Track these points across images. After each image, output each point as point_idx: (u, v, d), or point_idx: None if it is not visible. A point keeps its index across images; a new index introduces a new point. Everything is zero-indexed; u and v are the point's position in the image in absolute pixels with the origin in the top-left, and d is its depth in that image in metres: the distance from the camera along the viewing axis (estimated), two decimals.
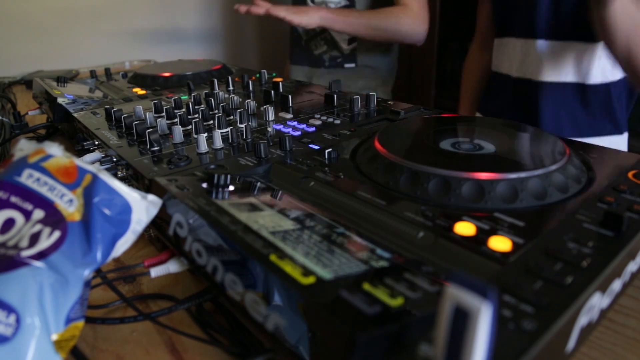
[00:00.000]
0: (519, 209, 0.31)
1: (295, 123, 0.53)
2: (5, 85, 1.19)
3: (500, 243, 0.27)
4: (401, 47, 1.31)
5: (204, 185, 0.36)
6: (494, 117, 0.47)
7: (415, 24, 1.10)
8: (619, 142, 0.88)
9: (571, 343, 0.24)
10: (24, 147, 0.31)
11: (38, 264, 0.26)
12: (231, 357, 0.29)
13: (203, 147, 0.45)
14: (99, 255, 0.28)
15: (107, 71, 0.93)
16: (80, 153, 0.52)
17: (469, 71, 1.12)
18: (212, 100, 0.60)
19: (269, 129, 0.52)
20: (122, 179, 0.44)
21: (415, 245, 0.28)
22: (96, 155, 0.49)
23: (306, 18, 1.02)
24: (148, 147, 0.46)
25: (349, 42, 1.21)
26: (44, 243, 0.27)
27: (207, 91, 0.71)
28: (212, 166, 0.41)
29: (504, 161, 0.37)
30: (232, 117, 0.56)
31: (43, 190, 0.29)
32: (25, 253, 0.26)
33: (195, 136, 0.46)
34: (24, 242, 0.26)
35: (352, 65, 1.23)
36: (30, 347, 0.24)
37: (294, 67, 1.31)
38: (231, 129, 0.47)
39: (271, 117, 0.55)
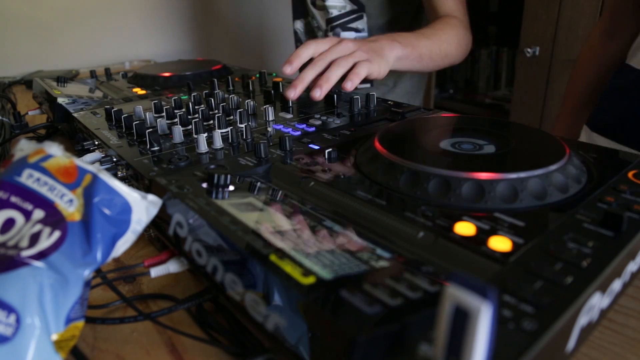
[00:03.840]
0: (519, 209, 0.31)
1: (295, 123, 0.53)
2: (5, 85, 1.19)
3: (500, 243, 0.27)
4: None
5: (204, 185, 0.36)
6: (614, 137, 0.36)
7: (469, 38, 0.86)
8: None
9: (571, 343, 0.24)
10: (24, 147, 0.31)
11: (38, 264, 0.26)
12: (231, 357, 0.29)
13: (203, 147, 0.45)
14: (99, 255, 0.28)
15: (107, 71, 0.93)
16: (80, 153, 0.52)
17: (585, 67, 0.81)
18: (212, 100, 0.61)
19: (269, 129, 0.52)
20: (122, 179, 0.44)
21: (415, 245, 0.28)
22: (96, 155, 0.49)
23: (384, 66, 0.66)
24: (148, 147, 0.46)
25: None
26: (44, 243, 0.27)
27: (207, 91, 0.71)
28: (212, 166, 0.41)
29: (504, 161, 0.37)
30: (232, 117, 0.56)
31: (43, 190, 0.29)
32: (25, 253, 0.26)
33: (195, 136, 0.46)
34: (24, 242, 0.26)
35: (367, 85, 0.95)
36: (30, 347, 0.24)
37: None
38: (231, 129, 0.47)
39: (271, 117, 0.55)
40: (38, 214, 0.28)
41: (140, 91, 0.76)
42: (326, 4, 0.99)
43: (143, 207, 0.31)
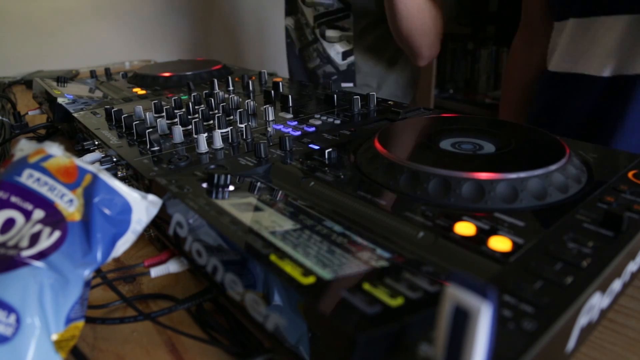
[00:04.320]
0: (519, 209, 0.31)
1: (295, 123, 0.53)
2: (5, 85, 1.19)
3: (500, 243, 0.27)
4: None
5: (204, 185, 0.36)
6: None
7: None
8: None
9: (571, 343, 0.24)
10: (24, 147, 0.31)
11: (38, 264, 0.26)
12: (231, 357, 0.29)
13: (203, 147, 0.45)
14: (99, 255, 0.28)
15: (107, 71, 0.93)
16: (80, 153, 0.52)
17: (512, 77, 0.86)
18: (212, 100, 0.61)
19: (269, 129, 0.52)
20: (122, 179, 0.44)
21: (415, 245, 0.28)
22: (96, 155, 0.49)
23: None
24: (148, 147, 0.46)
25: (344, 55, 0.99)
26: (44, 243, 0.27)
27: (207, 91, 0.71)
28: (212, 166, 0.41)
29: (504, 161, 0.37)
30: (232, 117, 0.56)
31: (43, 190, 0.29)
32: (26, 253, 0.26)
33: (195, 136, 0.46)
34: (24, 242, 0.26)
35: (350, 84, 1.00)
36: (30, 347, 0.24)
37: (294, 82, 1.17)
38: (231, 129, 0.47)
39: (271, 117, 0.55)
40: (38, 214, 0.28)
41: (140, 91, 0.76)
42: (315, 0, 0.99)
43: (143, 207, 0.31)
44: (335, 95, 0.61)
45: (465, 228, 0.29)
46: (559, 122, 0.71)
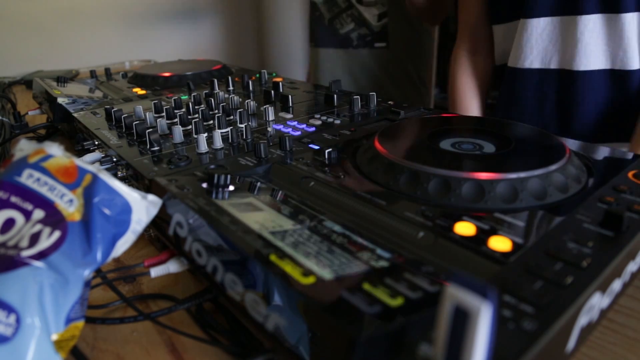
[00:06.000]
0: (519, 209, 0.31)
1: (295, 123, 0.53)
2: (5, 85, 1.19)
3: (500, 243, 0.27)
4: None
5: (204, 185, 0.36)
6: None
7: None
8: None
9: (571, 343, 0.24)
10: (24, 147, 0.31)
11: (38, 264, 0.26)
12: (231, 357, 0.29)
13: (203, 147, 0.45)
14: (99, 255, 0.28)
15: (107, 71, 0.93)
16: (80, 153, 0.52)
17: (460, 85, 0.86)
18: (212, 100, 0.61)
19: (269, 129, 0.52)
20: (122, 179, 0.44)
21: (415, 245, 0.28)
22: (96, 155, 0.49)
23: None
24: (148, 147, 0.46)
25: (379, 17, 1.09)
26: (44, 243, 0.27)
27: (207, 91, 0.71)
28: (212, 166, 0.41)
29: (504, 161, 0.37)
30: (232, 117, 0.56)
31: (43, 190, 0.29)
32: (26, 253, 0.26)
33: (195, 136, 0.46)
34: (24, 242, 0.26)
35: (383, 44, 1.10)
36: (30, 347, 0.24)
37: (318, 50, 1.20)
38: (231, 129, 0.47)
39: (271, 117, 0.55)
40: (38, 214, 0.28)
41: (140, 91, 0.76)
42: None
43: (143, 207, 0.31)
44: (335, 95, 0.61)
45: (465, 228, 0.29)
46: (543, 111, 0.76)
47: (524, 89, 0.75)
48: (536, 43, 0.72)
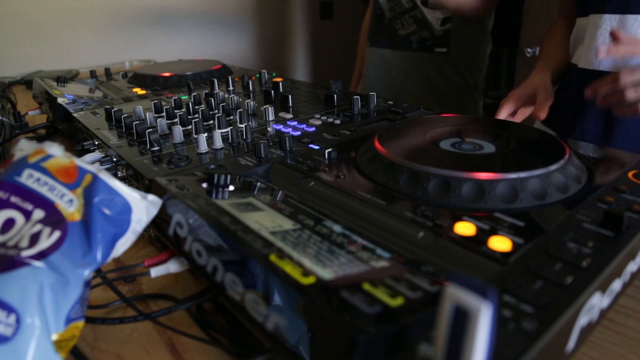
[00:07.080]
0: (519, 209, 0.31)
1: (295, 123, 0.53)
2: (5, 85, 1.19)
3: (500, 243, 0.27)
4: None
5: (204, 185, 0.36)
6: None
7: None
8: None
9: (571, 343, 0.24)
10: (24, 147, 0.31)
11: (38, 264, 0.26)
12: (231, 357, 0.29)
13: (203, 147, 0.45)
14: (99, 255, 0.28)
15: (107, 71, 0.93)
16: (80, 153, 0.52)
17: (555, 39, 0.83)
18: (212, 100, 0.61)
19: (269, 129, 0.52)
20: (122, 179, 0.44)
21: (415, 245, 0.28)
22: (96, 155, 0.49)
23: None
24: (148, 147, 0.46)
25: (443, 22, 1.05)
26: (44, 243, 0.27)
27: (207, 91, 0.71)
28: (212, 166, 0.41)
29: (504, 161, 0.37)
30: (232, 117, 0.56)
31: (43, 190, 0.29)
32: (25, 253, 0.26)
33: (195, 136, 0.46)
34: (24, 242, 0.26)
35: (444, 50, 1.06)
36: (30, 347, 0.24)
37: (372, 49, 1.17)
38: (231, 129, 0.47)
39: (271, 117, 0.55)
40: (38, 214, 0.28)
41: (140, 91, 0.76)
42: None
43: (143, 207, 0.31)
44: (335, 95, 0.61)
45: (465, 228, 0.29)
46: (562, 116, 0.75)
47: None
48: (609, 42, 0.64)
